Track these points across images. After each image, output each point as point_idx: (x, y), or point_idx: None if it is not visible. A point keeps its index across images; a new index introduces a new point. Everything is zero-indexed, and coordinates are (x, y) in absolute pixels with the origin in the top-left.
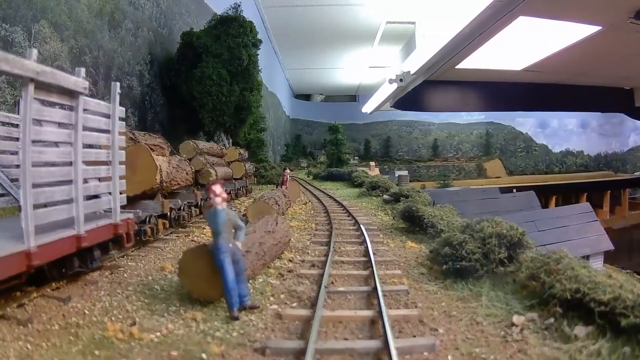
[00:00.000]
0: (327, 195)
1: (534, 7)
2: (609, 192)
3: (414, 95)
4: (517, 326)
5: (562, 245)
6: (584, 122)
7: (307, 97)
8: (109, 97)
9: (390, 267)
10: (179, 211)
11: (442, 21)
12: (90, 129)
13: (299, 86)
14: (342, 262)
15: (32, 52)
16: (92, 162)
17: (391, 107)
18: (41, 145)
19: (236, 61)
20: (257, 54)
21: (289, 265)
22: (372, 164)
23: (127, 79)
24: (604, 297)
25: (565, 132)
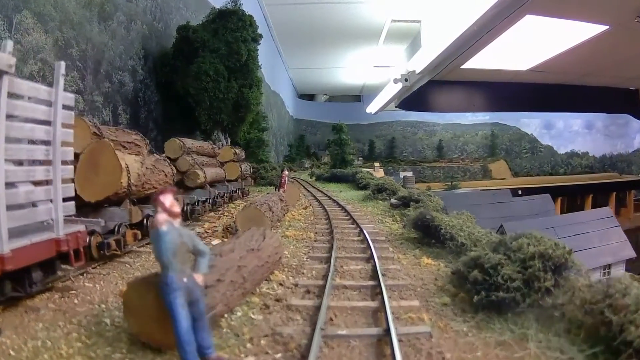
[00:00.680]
0: (330, 198)
1: (541, 5)
2: (615, 193)
3: (418, 95)
4: None
5: (584, 253)
6: (589, 123)
7: (310, 97)
8: (97, 92)
9: (404, 295)
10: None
11: (448, 19)
12: (20, 119)
13: (303, 86)
14: (345, 287)
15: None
16: (31, 162)
17: (396, 107)
18: None
19: (234, 56)
20: (257, 49)
21: (278, 291)
22: (376, 164)
23: (119, 74)
24: None
25: (570, 133)
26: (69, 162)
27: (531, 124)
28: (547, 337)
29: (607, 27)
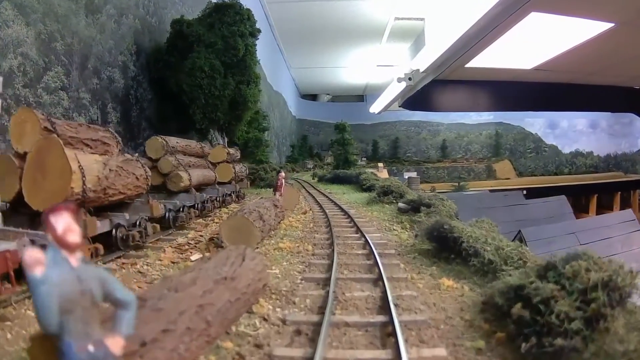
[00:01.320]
0: (332, 201)
1: (546, 1)
2: (620, 193)
3: (422, 94)
4: None
5: (608, 260)
6: (593, 123)
7: (313, 97)
8: (84, 89)
9: (425, 336)
10: (128, 229)
11: (452, 17)
12: None
13: (305, 86)
14: (347, 324)
15: None
16: None
17: (399, 107)
18: None
19: (231, 51)
20: (255, 44)
21: (260, 330)
22: (380, 165)
23: (108, 70)
24: None
25: (574, 132)
26: None
27: (535, 123)
28: None
29: (612, 24)
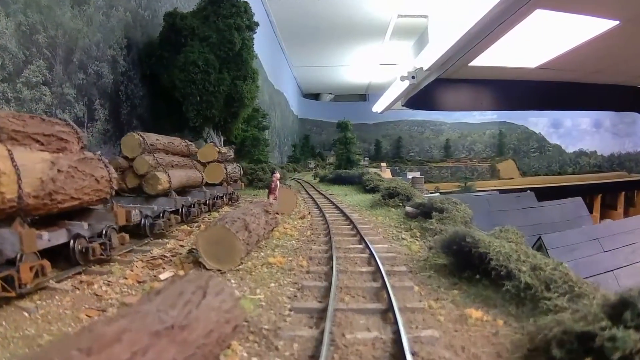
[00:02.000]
0: (333, 204)
1: None
2: (624, 193)
3: (425, 93)
4: None
5: (632, 269)
6: (597, 122)
7: (315, 96)
8: (69, 84)
9: None
10: (90, 240)
11: (456, 14)
12: None
13: (307, 85)
14: None
15: None
16: None
17: (402, 106)
18: None
19: (227, 45)
20: (253, 38)
21: None
22: (382, 164)
23: (95, 64)
24: None
25: (578, 131)
26: None
27: (539, 122)
28: None
29: (617, 22)
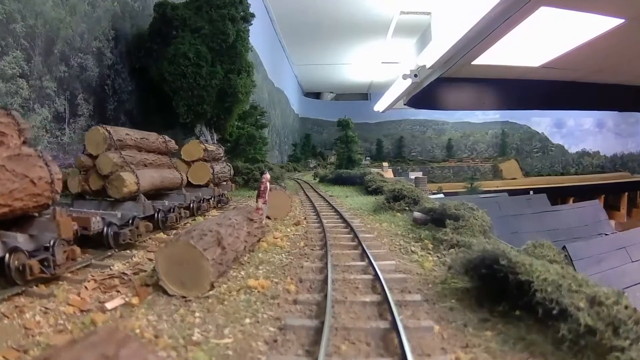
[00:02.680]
0: (332, 207)
1: None
2: (627, 194)
3: (428, 92)
4: None
5: None
6: (600, 122)
7: (317, 95)
8: (49, 77)
9: None
10: (27, 257)
11: (460, 11)
12: None
13: (309, 83)
14: None
15: None
16: None
17: (405, 105)
18: None
19: (220, 36)
20: (248, 30)
21: None
22: (384, 164)
23: (79, 56)
24: None
25: (581, 131)
26: None
27: (542, 122)
28: None
29: (622, 20)
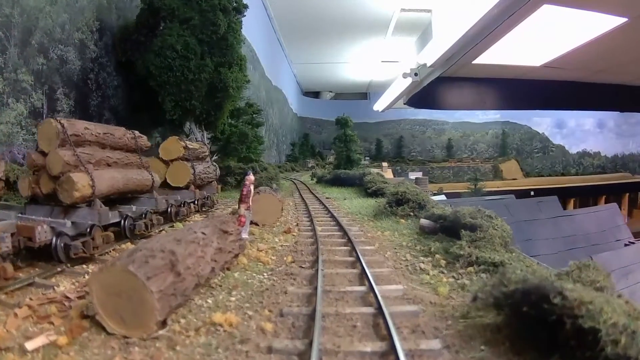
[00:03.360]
0: (328, 212)
1: None
2: (627, 194)
3: (428, 92)
4: None
5: None
6: (601, 122)
7: (316, 94)
8: (25, 70)
9: None
10: None
11: (461, 8)
12: None
13: (307, 82)
14: None
15: None
16: None
17: (404, 104)
18: None
19: (210, 28)
20: (241, 21)
21: None
22: (384, 164)
23: (59, 48)
24: None
25: (582, 132)
26: None
27: (542, 122)
28: None
29: (625, 19)
